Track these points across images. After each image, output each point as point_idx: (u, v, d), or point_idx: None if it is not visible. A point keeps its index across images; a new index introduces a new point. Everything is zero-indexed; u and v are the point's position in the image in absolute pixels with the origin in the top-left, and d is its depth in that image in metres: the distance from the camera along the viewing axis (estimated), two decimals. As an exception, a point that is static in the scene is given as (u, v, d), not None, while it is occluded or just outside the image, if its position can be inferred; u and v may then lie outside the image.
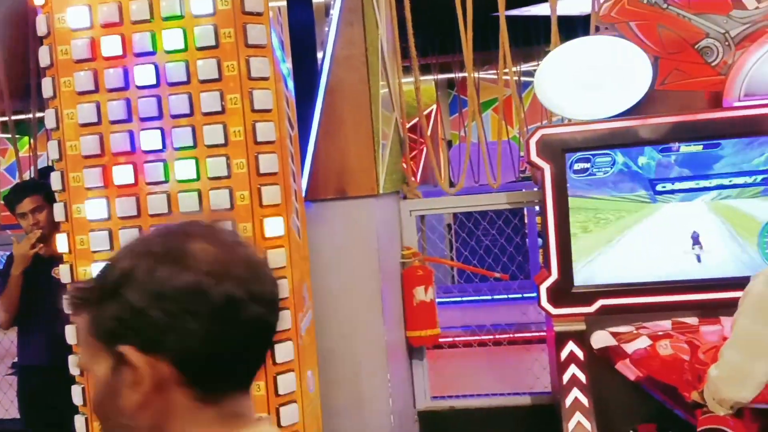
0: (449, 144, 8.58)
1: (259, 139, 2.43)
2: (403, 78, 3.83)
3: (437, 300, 3.84)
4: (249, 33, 2.42)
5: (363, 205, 3.26)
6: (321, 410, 2.80)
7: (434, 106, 8.16)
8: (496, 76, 3.89)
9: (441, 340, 4.04)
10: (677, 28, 3.25)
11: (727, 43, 3.24)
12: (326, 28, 3.19)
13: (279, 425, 2.45)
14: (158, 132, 2.43)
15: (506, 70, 3.85)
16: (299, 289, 2.61)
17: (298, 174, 2.77)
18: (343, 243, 3.25)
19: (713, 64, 3.26)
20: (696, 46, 3.26)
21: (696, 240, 3.24)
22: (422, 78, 7.88)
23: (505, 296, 4.63)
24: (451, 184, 5.56)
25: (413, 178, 3.96)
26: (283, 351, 2.47)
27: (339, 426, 3.21)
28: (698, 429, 2.67)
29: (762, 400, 2.38)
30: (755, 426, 2.48)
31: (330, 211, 3.24)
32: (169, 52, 2.42)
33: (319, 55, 3.20)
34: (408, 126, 6.30)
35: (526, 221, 5.30)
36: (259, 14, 2.45)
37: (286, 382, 2.48)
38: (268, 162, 2.44)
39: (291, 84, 2.75)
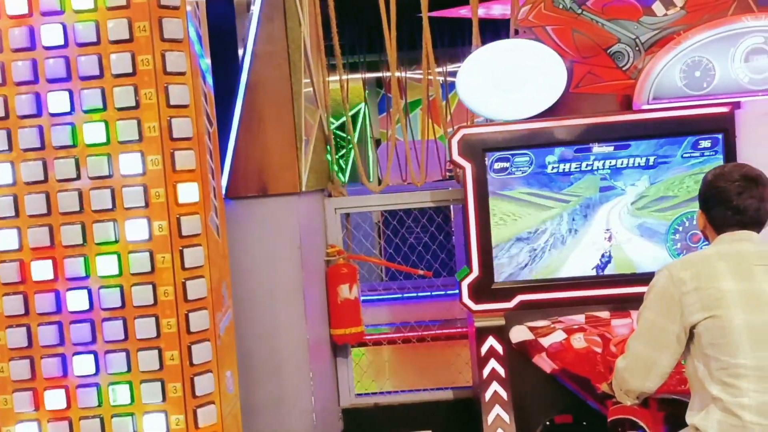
0: (378, 142, 8.61)
1: (175, 135, 2.38)
2: (330, 76, 3.83)
3: (362, 298, 3.86)
4: (165, 27, 2.37)
5: (285, 202, 3.24)
6: (240, 410, 2.77)
7: (363, 105, 8.19)
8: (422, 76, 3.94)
9: (366, 337, 4.07)
10: (591, 34, 3.37)
11: (637, 48, 3.39)
12: (247, 24, 3.15)
13: (196, 426, 2.42)
14: (68, 128, 2.35)
15: (431, 71, 3.91)
16: (218, 288, 2.57)
17: (218, 171, 2.73)
18: (264, 241, 3.22)
19: (624, 68, 3.40)
20: (608, 51, 3.39)
21: (609, 237, 3.37)
22: (350, 76, 7.90)
23: (429, 293, 4.69)
24: (381, 183, 5.59)
25: (339, 176, 3.96)
26: (201, 352, 2.43)
27: (261, 425, 3.19)
28: (608, 419, 2.78)
29: (666, 390, 2.50)
30: (660, 415, 2.60)
31: (251, 209, 3.21)
32: (81, 46, 2.34)
33: (240, 51, 3.16)
34: (337, 124, 6.31)
35: (452, 219, 5.38)
36: (175, 8, 2.40)
37: (204, 383, 2.44)
38: (184, 159, 2.39)
39: (210, 79, 2.71)
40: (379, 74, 8.64)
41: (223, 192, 3.03)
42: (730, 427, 1.98)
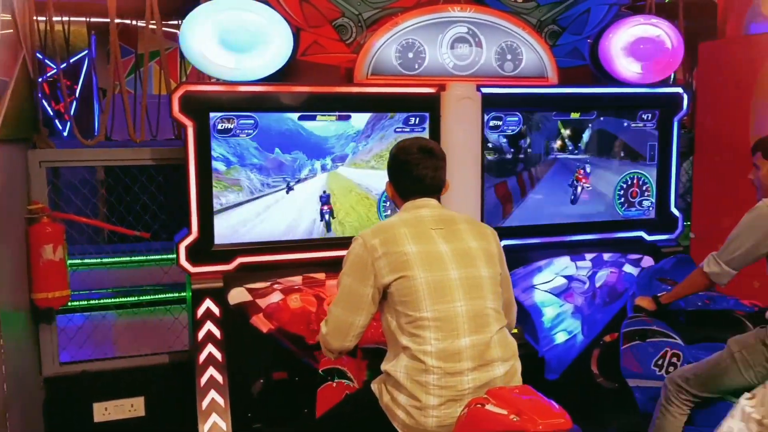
0: (104, 93, 7.96)
1: None
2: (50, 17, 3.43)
3: (73, 261, 3.58)
4: None
5: (-28, 151, 2.86)
6: None
7: (87, 52, 7.51)
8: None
9: (76, 303, 3.79)
10: (318, 4, 3.45)
11: (360, 24, 3.55)
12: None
13: None
14: None
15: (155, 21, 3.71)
16: None
17: None
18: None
19: (348, 42, 3.55)
20: (333, 23, 3.51)
21: (325, 201, 3.52)
22: (74, 19, 7.18)
23: (145, 257, 4.49)
24: (108, 138, 5.18)
25: (56, 127, 3.61)
26: None
27: (-62, 401, 2.82)
28: (320, 369, 2.95)
29: (370, 341, 2.72)
30: (364, 363, 2.84)
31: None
32: None
33: None
34: (56, 70, 5.69)
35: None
36: None
37: None
38: None
39: None
40: (107, 20, 7.96)
41: None
42: (414, 370, 2.23)
